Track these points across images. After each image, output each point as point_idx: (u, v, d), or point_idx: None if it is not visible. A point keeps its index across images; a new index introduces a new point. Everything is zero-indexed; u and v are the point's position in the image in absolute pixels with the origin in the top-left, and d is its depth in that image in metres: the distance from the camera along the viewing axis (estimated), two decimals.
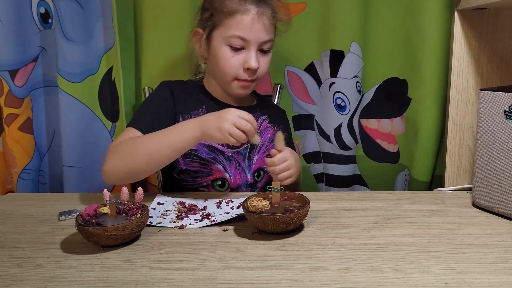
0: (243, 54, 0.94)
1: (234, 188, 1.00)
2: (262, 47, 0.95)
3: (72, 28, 1.14)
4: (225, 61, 0.95)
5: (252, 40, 0.93)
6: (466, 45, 0.95)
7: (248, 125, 0.81)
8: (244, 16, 0.92)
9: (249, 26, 0.92)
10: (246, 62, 0.94)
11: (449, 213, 0.83)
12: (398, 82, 1.18)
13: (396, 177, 1.23)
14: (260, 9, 0.93)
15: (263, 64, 0.97)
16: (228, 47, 0.94)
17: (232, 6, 0.92)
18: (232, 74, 0.96)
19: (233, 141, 0.81)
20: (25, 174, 1.24)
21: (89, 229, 0.67)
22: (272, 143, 1.04)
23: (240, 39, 0.93)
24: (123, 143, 0.89)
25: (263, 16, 0.93)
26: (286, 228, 0.71)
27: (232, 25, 0.93)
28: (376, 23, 1.16)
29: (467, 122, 0.97)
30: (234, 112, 0.82)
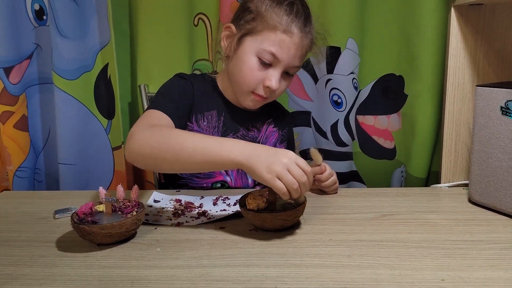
0: (268, 70, 0.90)
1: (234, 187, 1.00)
2: (288, 71, 0.92)
3: (67, 25, 1.14)
4: (249, 71, 0.90)
5: (283, 62, 0.89)
6: (462, 41, 0.95)
7: (304, 177, 0.69)
8: (286, 36, 0.87)
9: (287, 48, 0.88)
10: (268, 80, 0.89)
11: (445, 209, 0.83)
12: (395, 78, 1.18)
13: (393, 173, 1.23)
14: (303, 35, 0.89)
15: (282, 86, 0.93)
16: (257, 58, 0.89)
17: (280, 22, 0.87)
18: (251, 86, 0.91)
19: (282, 189, 0.68)
20: (21, 172, 1.24)
21: (84, 227, 0.67)
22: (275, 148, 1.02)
23: (273, 56, 0.88)
24: (163, 127, 0.81)
25: (303, 43, 0.90)
26: (283, 225, 0.71)
27: (271, 40, 0.88)
28: (372, 19, 1.16)
29: (464, 118, 0.97)
30: (292, 156, 0.70)
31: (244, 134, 0.98)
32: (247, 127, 0.99)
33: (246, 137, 0.98)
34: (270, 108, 1.05)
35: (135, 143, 0.76)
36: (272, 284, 0.58)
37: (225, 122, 0.96)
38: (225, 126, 0.96)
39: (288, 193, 0.68)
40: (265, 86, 0.90)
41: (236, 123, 0.98)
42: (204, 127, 0.95)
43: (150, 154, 0.75)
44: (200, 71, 1.22)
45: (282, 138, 1.05)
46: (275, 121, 1.04)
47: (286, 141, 1.07)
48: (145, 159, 0.76)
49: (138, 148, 0.76)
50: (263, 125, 1.01)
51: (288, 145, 1.08)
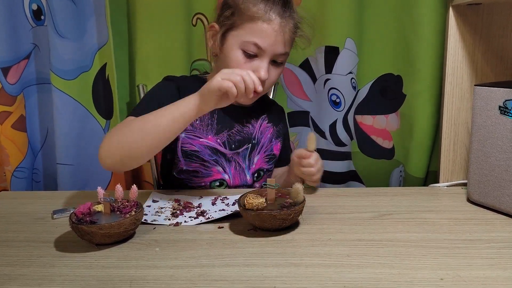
0: (255, 62, 0.90)
1: (232, 186, 1.00)
2: (275, 59, 0.92)
3: (65, 25, 1.13)
4: (236, 66, 0.90)
5: (268, 51, 0.89)
6: (460, 40, 0.95)
7: (244, 72, 0.77)
8: (266, 25, 0.88)
9: (268, 36, 0.88)
10: (256, 71, 0.88)
11: (444, 208, 0.83)
12: (393, 78, 1.18)
13: (391, 173, 1.23)
14: (283, 21, 0.89)
15: (273, 75, 0.93)
16: (242, 51, 0.90)
17: (257, 12, 0.88)
18: None
19: (229, 84, 0.75)
20: (19, 172, 1.23)
21: (83, 227, 0.67)
22: (271, 143, 1.03)
23: (256, 47, 0.89)
24: (119, 125, 0.85)
25: (285, 29, 0.89)
26: (282, 225, 0.71)
27: (251, 31, 0.88)
28: (371, 19, 1.16)
29: (462, 118, 0.98)
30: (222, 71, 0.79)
31: (239, 130, 0.98)
32: (241, 123, 0.99)
33: (241, 132, 0.98)
34: (263, 104, 1.05)
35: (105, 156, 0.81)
36: (271, 284, 0.58)
37: (218, 119, 0.96)
38: (219, 123, 0.96)
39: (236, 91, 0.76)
40: None
41: (230, 119, 0.98)
42: (197, 125, 0.95)
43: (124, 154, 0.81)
44: (198, 71, 1.22)
45: (277, 134, 1.06)
46: (269, 117, 1.05)
47: (281, 136, 1.07)
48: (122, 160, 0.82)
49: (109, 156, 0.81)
50: (257, 121, 1.02)
51: (283, 141, 1.08)
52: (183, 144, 0.95)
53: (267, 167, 1.03)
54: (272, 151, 1.03)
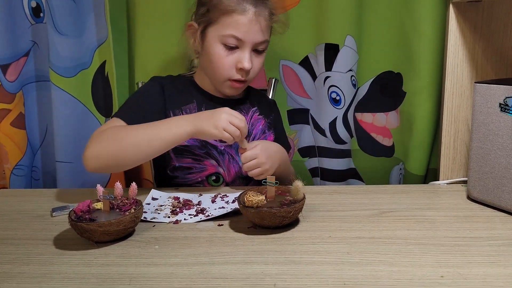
0: (237, 53, 0.93)
1: (230, 182, 1.00)
2: (256, 48, 0.94)
3: (64, 22, 1.13)
4: (218, 60, 0.93)
5: (247, 41, 0.91)
6: (461, 37, 0.94)
7: (242, 123, 0.84)
8: (241, 16, 0.90)
9: (245, 26, 0.90)
10: (239, 62, 0.92)
11: (444, 206, 0.83)
12: (393, 76, 1.17)
13: (391, 170, 1.23)
14: (257, 10, 0.91)
15: (256, 64, 0.95)
16: (222, 45, 0.92)
17: (230, 5, 0.90)
18: (225, 74, 0.94)
19: (228, 137, 0.83)
20: (18, 170, 1.23)
21: (82, 224, 0.66)
22: (264, 134, 1.04)
23: (235, 38, 0.91)
24: (110, 130, 0.86)
25: (260, 17, 0.91)
26: (282, 222, 0.71)
27: (228, 24, 0.91)
28: (370, 17, 1.15)
29: (462, 115, 0.97)
30: (228, 110, 0.85)
31: None
32: None
33: None
34: (253, 97, 1.07)
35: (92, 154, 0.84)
36: (271, 282, 0.58)
37: None
38: None
39: (233, 139, 0.84)
40: (238, 69, 0.93)
41: None
42: None
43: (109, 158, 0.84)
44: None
45: (269, 126, 1.06)
46: (260, 109, 1.06)
47: (273, 128, 1.07)
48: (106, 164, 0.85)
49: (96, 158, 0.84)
50: (247, 113, 1.03)
51: (275, 132, 1.08)
52: None
53: None
54: None
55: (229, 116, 0.83)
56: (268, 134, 1.05)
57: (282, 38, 1.19)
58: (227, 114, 0.84)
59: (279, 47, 1.21)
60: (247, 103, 1.05)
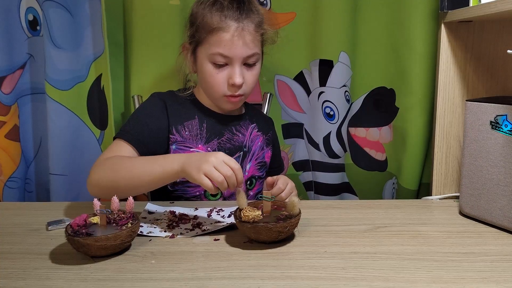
0: (227, 70, 0.93)
1: (227, 196, 1.00)
2: (247, 62, 0.94)
3: (61, 35, 1.14)
4: (210, 78, 0.94)
5: (233, 57, 0.91)
6: (452, 56, 0.97)
7: (229, 172, 0.75)
8: (224, 33, 0.90)
9: (229, 43, 0.90)
10: (230, 78, 0.92)
11: (437, 221, 0.84)
12: (386, 91, 1.20)
13: (384, 185, 1.25)
14: (240, 25, 0.91)
15: (249, 77, 0.95)
16: (212, 64, 0.93)
17: (213, 23, 0.91)
18: (219, 91, 0.95)
19: (208, 184, 0.74)
20: (11, 182, 1.22)
21: (79, 239, 0.66)
22: (262, 151, 1.04)
23: (222, 56, 0.91)
24: (110, 160, 0.88)
25: (244, 32, 0.91)
26: (278, 237, 0.72)
27: (213, 43, 0.91)
28: (364, 33, 1.18)
29: (454, 132, 0.99)
30: (220, 155, 0.77)
31: (230, 138, 1.00)
32: (231, 131, 1.01)
33: (231, 140, 1.00)
34: (251, 113, 1.08)
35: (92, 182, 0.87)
36: None
37: (208, 128, 0.98)
38: (208, 132, 0.98)
39: (215, 188, 0.75)
40: (230, 85, 0.93)
41: (219, 128, 1.00)
42: (187, 136, 0.97)
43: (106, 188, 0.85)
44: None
45: (267, 142, 1.07)
46: (258, 126, 1.07)
47: (271, 144, 1.08)
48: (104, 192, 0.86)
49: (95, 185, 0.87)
50: (247, 130, 1.04)
51: (274, 150, 1.10)
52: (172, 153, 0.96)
53: (259, 175, 1.04)
54: (264, 159, 1.05)
55: (217, 161, 0.75)
56: (266, 151, 1.06)
57: (277, 53, 1.21)
58: (216, 158, 0.76)
59: (274, 62, 1.23)
60: (246, 119, 1.05)
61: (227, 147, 0.99)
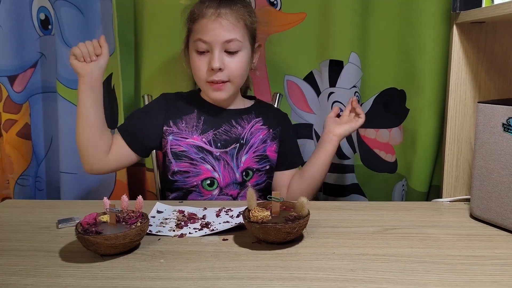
0: (208, 56, 0.98)
1: (223, 186, 1.02)
2: (227, 49, 0.97)
3: (72, 34, 1.15)
4: (194, 65, 1.00)
5: (211, 41, 0.96)
6: (464, 57, 0.96)
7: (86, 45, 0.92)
8: (203, 19, 0.97)
9: (206, 27, 0.96)
10: (209, 63, 0.97)
11: (447, 224, 0.83)
12: (396, 93, 1.19)
13: (394, 187, 1.24)
14: (217, 11, 0.96)
15: (232, 64, 0.98)
16: (195, 52, 0.99)
17: (196, 11, 0.99)
18: (202, 77, 0.99)
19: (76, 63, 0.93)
20: (22, 180, 1.24)
21: (88, 237, 0.67)
22: (263, 144, 1.06)
23: (202, 41, 0.97)
24: None
25: (221, 17, 0.96)
26: (287, 238, 0.72)
27: (195, 30, 0.99)
28: (375, 34, 1.17)
29: (465, 134, 0.98)
30: None
31: (227, 130, 1.03)
32: (230, 124, 1.04)
33: (228, 132, 1.03)
34: (260, 109, 1.10)
35: None
36: None
37: (205, 121, 1.04)
38: (205, 124, 1.03)
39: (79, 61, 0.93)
40: (210, 70, 0.97)
41: (218, 120, 1.04)
42: (183, 128, 1.03)
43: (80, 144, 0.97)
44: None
45: (274, 136, 1.08)
46: (265, 120, 1.08)
47: (277, 139, 1.08)
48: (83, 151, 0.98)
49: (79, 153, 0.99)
50: (249, 123, 1.06)
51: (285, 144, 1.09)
52: (171, 146, 1.01)
53: (257, 167, 1.05)
54: (265, 152, 1.06)
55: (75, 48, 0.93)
56: (269, 144, 1.06)
57: (287, 53, 1.22)
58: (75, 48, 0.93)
59: (284, 62, 1.23)
60: (251, 113, 1.07)
61: (223, 138, 1.02)
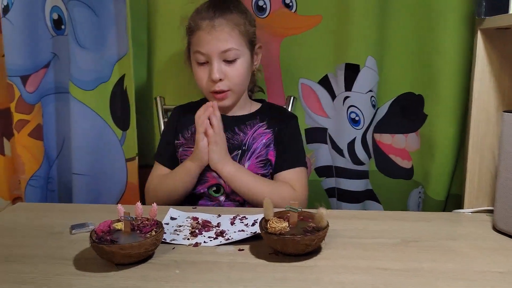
0: (207, 67, 1.00)
1: (229, 192, 1.01)
2: (225, 58, 0.99)
3: (85, 35, 1.13)
4: (196, 76, 1.03)
5: (209, 53, 0.98)
6: (488, 65, 0.93)
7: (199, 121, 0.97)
8: (199, 31, 0.99)
9: (203, 39, 0.98)
10: (209, 75, 0.99)
11: (469, 236, 0.80)
12: (414, 97, 1.16)
13: (409, 194, 1.21)
14: (211, 23, 0.97)
15: (231, 73, 0.99)
16: (196, 63, 1.02)
17: (191, 24, 1.01)
18: (204, 88, 1.02)
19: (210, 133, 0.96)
20: (34, 181, 1.23)
21: (103, 246, 0.65)
22: (266, 148, 1.04)
23: (200, 53, 0.99)
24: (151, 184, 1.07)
25: (215, 29, 0.97)
26: (306, 250, 0.70)
27: (193, 42, 1.02)
28: (393, 37, 1.14)
29: (488, 143, 0.95)
30: None
31: (229, 137, 1.04)
32: (233, 130, 1.05)
33: (230, 139, 1.04)
34: (266, 112, 1.09)
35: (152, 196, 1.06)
36: None
37: None
38: None
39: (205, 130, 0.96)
40: (211, 81, 0.99)
41: None
42: (189, 138, 1.06)
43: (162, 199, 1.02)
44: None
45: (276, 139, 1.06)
46: (270, 123, 1.07)
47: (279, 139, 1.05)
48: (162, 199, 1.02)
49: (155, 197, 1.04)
50: (251, 129, 1.05)
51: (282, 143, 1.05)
52: (181, 157, 1.06)
53: (262, 172, 1.04)
54: (267, 157, 1.04)
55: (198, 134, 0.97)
56: (271, 149, 1.05)
57: (302, 56, 1.20)
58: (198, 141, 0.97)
59: (299, 65, 1.21)
60: (256, 118, 1.07)
61: None
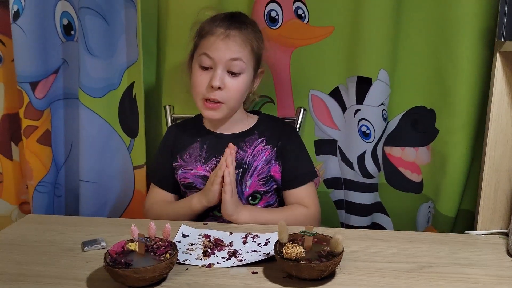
0: (209, 73, 0.98)
1: None
2: (230, 68, 0.97)
3: (95, 42, 1.12)
4: (194, 79, 1.01)
5: (216, 58, 0.97)
6: (506, 87, 0.91)
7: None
8: (212, 36, 0.98)
9: (214, 44, 0.97)
10: (210, 80, 0.97)
11: (485, 262, 0.79)
12: (425, 111, 1.15)
13: (419, 208, 1.20)
14: (227, 32, 0.97)
15: (231, 85, 0.98)
16: (199, 66, 1.00)
17: (205, 28, 1.00)
18: (200, 92, 0.99)
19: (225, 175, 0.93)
20: (41, 187, 1.22)
21: (118, 270, 0.65)
22: (268, 165, 1.03)
23: (207, 56, 0.98)
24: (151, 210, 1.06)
25: (229, 38, 0.97)
26: (321, 276, 0.69)
27: (202, 45, 1.00)
28: (406, 50, 1.13)
29: (505, 165, 0.94)
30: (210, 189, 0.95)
31: None
32: None
33: None
34: (264, 126, 1.07)
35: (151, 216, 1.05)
36: None
37: (208, 149, 1.04)
38: (208, 152, 1.03)
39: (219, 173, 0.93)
40: (210, 87, 0.97)
41: (220, 147, 1.01)
42: (188, 159, 1.04)
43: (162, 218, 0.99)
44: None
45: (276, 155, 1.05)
46: (269, 138, 1.05)
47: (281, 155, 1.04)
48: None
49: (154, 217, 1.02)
50: (251, 146, 1.04)
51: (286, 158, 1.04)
52: (180, 179, 1.04)
53: (264, 189, 1.03)
54: (269, 173, 1.03)
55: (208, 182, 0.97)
56: (273, 165, 1.03)
57: (312, 67, 1.18)
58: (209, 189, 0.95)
59: (309, 76, 1.20)
60: (254, 134, 1.05)
61: None
